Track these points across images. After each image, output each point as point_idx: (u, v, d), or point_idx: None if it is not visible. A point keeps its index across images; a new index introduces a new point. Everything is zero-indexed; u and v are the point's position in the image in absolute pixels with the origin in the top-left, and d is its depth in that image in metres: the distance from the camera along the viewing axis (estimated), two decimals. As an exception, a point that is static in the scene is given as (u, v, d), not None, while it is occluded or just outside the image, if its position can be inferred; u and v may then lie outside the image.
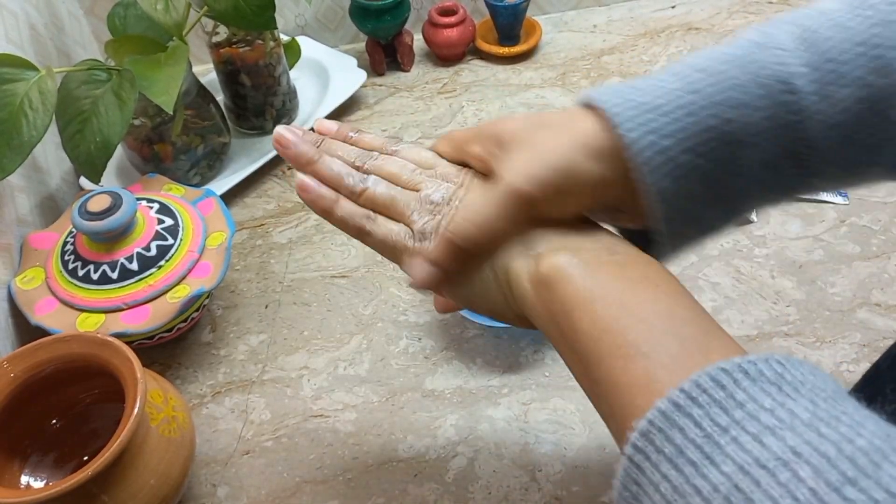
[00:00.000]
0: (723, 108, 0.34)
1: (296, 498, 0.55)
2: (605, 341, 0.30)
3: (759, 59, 0.34)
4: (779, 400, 0.25)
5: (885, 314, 0.62)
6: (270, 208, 0.78)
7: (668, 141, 0.33)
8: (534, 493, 0.54)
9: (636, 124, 0.34)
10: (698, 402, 0.26)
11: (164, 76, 0.61)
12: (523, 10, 0.90)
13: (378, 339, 0.65)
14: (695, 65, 0.35)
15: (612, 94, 0.35)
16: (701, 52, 0.36)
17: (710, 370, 0.26)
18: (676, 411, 0.26)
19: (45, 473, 0.53)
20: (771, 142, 0.34)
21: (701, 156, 0.34)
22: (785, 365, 0.26)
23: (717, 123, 0.34)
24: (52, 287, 0.60)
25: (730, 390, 0.25)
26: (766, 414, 0.25)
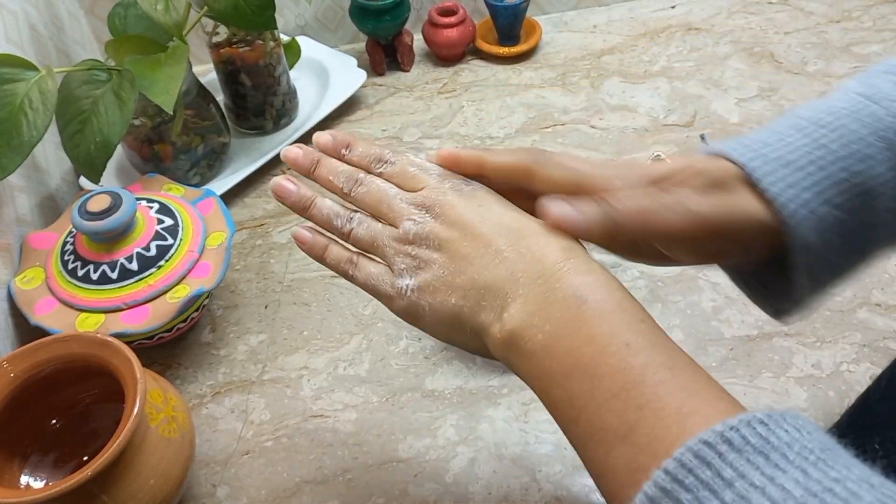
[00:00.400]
0: (850, 161, 0.34)
1: (296, 498, 0.55)
2: (582, 425, 0.30)
3: (874, 111, 0.35)
4: (768, 473, 0.24)
5: (885, 314, 0.62)
6: (270, 208, 0.78)
7: (807, 194, 0.33)
8: (534, 493, 0.54)
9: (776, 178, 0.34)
10: (684, 485, 0.25)
11: (164, 76, 0.61)
12: (523, 10, 0.90)
13: (378, 339, 0.65)
14: (812, 118, 0.36)
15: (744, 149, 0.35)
16: (812, 105, 0.37)
17: (693, 445, 0.25)
18: (664, 497, 0.25)
19: (44, 473, 0.53)
20: None
21: (837, 207, 0.34)
22: (769, 425, 0.25)
23: (848, 177, 0.34)
24: (52, 287, 0.60)
25: (716, 468, 0.25)
26: (756, 494, 0.24)
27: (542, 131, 0.83)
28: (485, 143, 0.82)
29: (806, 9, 0.96)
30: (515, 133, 0.83)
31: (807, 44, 0.90)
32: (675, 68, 0.89)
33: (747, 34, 0.93)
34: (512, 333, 0.32)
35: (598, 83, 0.88)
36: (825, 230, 0.34)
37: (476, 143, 0.82)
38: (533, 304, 0.32)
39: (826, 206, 0.34)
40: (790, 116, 0.37)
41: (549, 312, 0.32)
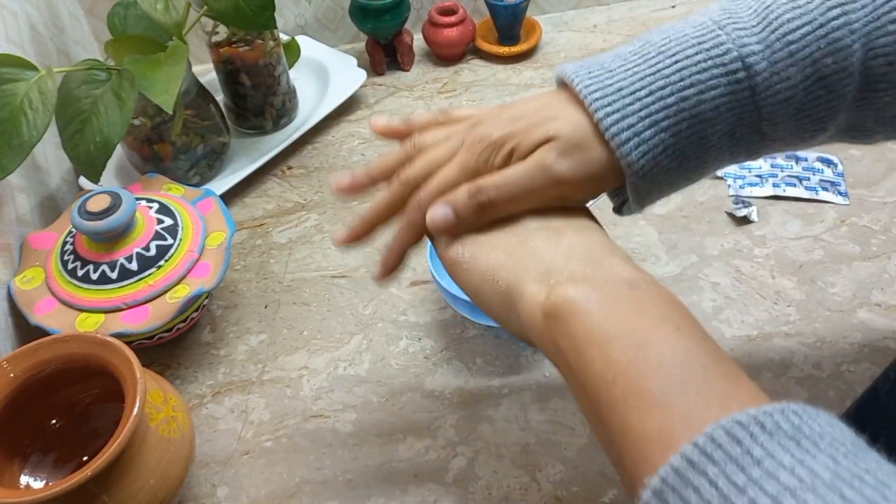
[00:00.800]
0: (685, 89, 0.37)
1: (296, 498, 0.55)
2: (619, 387, 0.29)
3: (719, 39, 0.37)
4: (798, 457, 0.24)
5: (886, 314, 0.62)
6: (270, 208, 0.78)
7: (637, 121, 0.37)
8: (534, 493, 0.54)
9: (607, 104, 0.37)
10: (713, 459, 0.24)
11: (163, 76, 0.61)
12: (523, 10, 0.90)
13: (378, 339, 0.65)
14: (658, 44, 0.38)
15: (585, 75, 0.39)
16: (667, 28, 0.40)
17: (726, 423, 0.25)
18: (690, 468, 0.25)
19: (44, 473, 0.53)
20: (730, 115, 0.37)
21: (667, 131, 0.37)
22: (802, 416, 0.26)
23: (681, 103, 0.37)
24: (52, 287, 0.60)
25: (746, 446, 0.24)
26: (785, 473, 0.23)
27: (542, 131, 0.83)
28: (485, 142, 0.82)
29: (806, 8, 0.96)
30: (515, 133, 0.83)
31: (807, 43, 0.90)
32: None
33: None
34: (561, 301, 0.33)
35: (598, 83, 0.88)
36: (655, 153, 0.37)
37: (476, 142, 0.82)
38: (582, 279, 0.34)
39: (656, 131, 0.37)
40: (644, 40, 0.39)
41: (599, 286, 0.33)
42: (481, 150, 0.39)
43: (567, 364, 0.32)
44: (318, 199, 0.78)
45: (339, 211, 0.76)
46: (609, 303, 0.32)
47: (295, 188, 0.79)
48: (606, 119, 0.37)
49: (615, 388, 0.29)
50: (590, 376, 0.31)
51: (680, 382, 0.28)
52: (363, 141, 0.84)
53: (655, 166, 0.38)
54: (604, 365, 0.30)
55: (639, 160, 0.37)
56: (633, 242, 0.69)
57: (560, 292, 0.33)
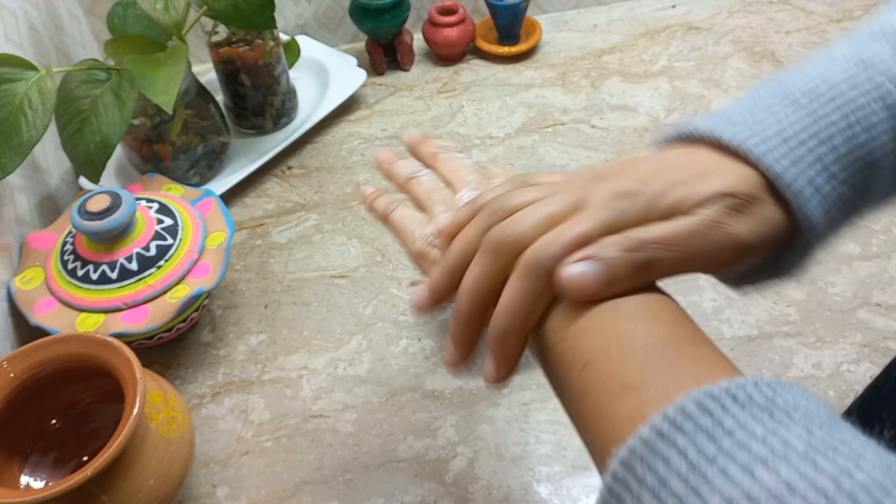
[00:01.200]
0: (852, 132, 0.32)
1: (296, 498, 0.55)
2: (589, 374, 0.28)
3: (872, 76, 0.33)
4: (770, 427, 0.23)
5: (886, 314, 0.62)
6: (270, 208, 0.78)
7: (812, 171, 0.31)
8: (534, 493, 0.54)
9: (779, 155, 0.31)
10: (683, 430, 0.24)
11: (163, 76, 0.61)
12: (523, 10, 0.90)
13: (378, 339, 0.65)
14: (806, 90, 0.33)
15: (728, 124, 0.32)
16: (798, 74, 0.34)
17: (696, 395, 0.24)
18: (659, 439, 0.24)
19: (44, 473, 0.53)
20: None
21: (841, 183, 0.32)
22: (776, 388, 0.25)
23: (851, 149, 0.32)
24: (52, 287, 0.59)
25: (717, 417, 0.24)
26: (756, 443, 0.23)
27: (543, 131, 0.83)
28: (485, 142, 0.82)
29: (807, 8, 0.96)
30: (515, 133, 0.83)
31: (808, 43, 0.90)
32: (676, 68, 0.89)
33: (748, 34, 0.93)
34: None
35: (598, 83, 0.88)
36: (831, 208, 0.32)
37: (476, 142, 0.82)
38: None
39: (831, 182, 0.31)
40: (775, 88, 0.34)
41: None
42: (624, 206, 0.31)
43: (543, 358, 0.32)
44: (318, 198, 0.78)
45: (338, 211, 0.76)
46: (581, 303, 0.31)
47: (295, 188, 0.79)
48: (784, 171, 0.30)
49: (584, 374, 0.28)
50: (561, 365, 0.30)
51: (652, 367, 0.27)
52: (363, 141, 0.84)
53: (831, 222, 0.32)
54: (574, 353, 0.29)
55: (820, 218, 0.31)
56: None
57: None
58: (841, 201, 0.32)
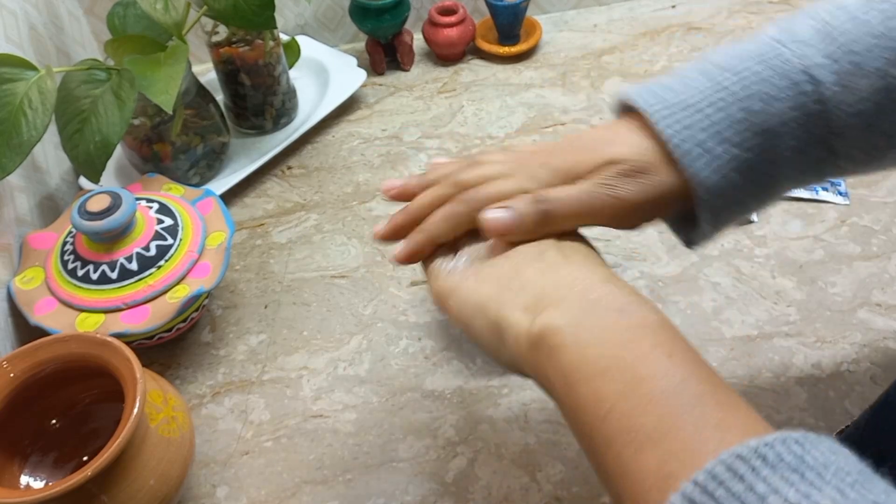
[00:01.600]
0: (750, 101, 0.36)
1: (296, 498, 0.55)
2: (612, 423, 0.28)
3: (781, 52, 0.37)
4: (803, 490, 0.23)
5: (886, 314, 0.62)
6: (270, 208, 0.78)
7: (703, 134, 0.36)
8: (534, 493, 0.54)
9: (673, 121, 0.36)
10: (715, 497, 0.24)
11: (163, 76, 0.61)
12: (523, 10, 0.90)
13: (378, 339, 0.65)
14: (719, 62, 0.38)
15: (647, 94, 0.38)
16: (723, 49, 0.39)
17: (726, 458, 0.24)
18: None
19: (45, 473, 0.53)
20: (799, 130, 0.36)
21: (736, 146, 0.36)
22: (804, 445, 0.25)
23: (747, 116, 0.36)
24: (52, 287, 0.59)
25: (749, 482, 0.24)
26: None
27: (542, 131, 0.83)
28: (485, 142, 0.82)
29: (806, 8, 0.96)
30: (515, 133, 0.83)
31: (807, 43, 0.90)
32: (676, 68, 0.89)
33: (748, 34, 0.93)
34: (544, 328, 0.32)
35: (598, 83, 0.88)
36: (723, 168, 0.36)
37: (476, 142, 0.82)
38: (571, 311, 0.32)
39: (724, 145, 0.36)
40: (701, 60, 0.39)
41: (587, 318, 0.32)
42: (542, 173, 0.39)
43: (557, 396, 0.32)
44: (318, 198, 0.78)
45: (338, 211, 0.76)
46: (596, 331, 0.31)
47: (295, 188, 0.79)
48: (673, 135, 0.36)
49: (607, 424, 0.28)
50: (581, 411, 0.30)
51: (673, 415, 0.27)
52: (363, 141, 0.84)
53: (725, 181, 0.37)
54: (595, 400, 0.29)
55: (709, 175, 0.36)
56: (633, 242, 0.69)
57: (544, 320, 0.32)
58: (738, 163, 0.36)
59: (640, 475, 0.27)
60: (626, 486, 0.27)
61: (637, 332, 0.31)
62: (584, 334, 0.31)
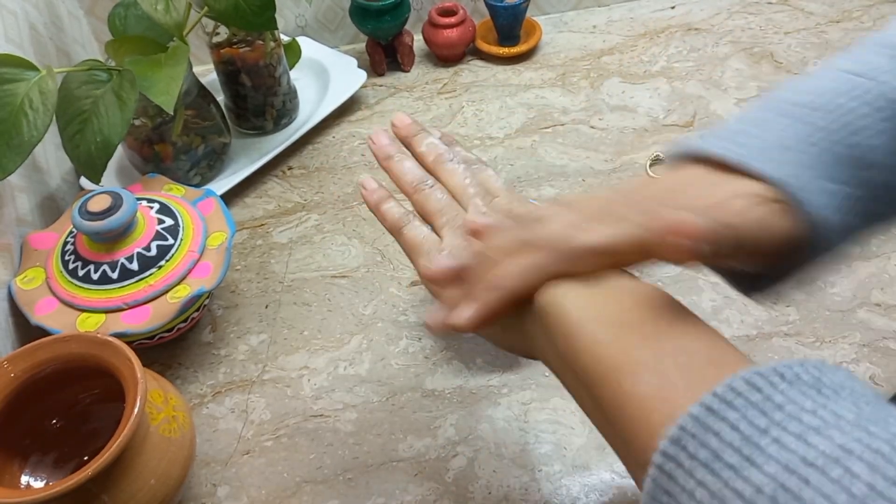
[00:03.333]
0: (844, 134, 0.33)
1: (296, 498, 0.55)
2: (606, 360, 0.29)
3: (862, 84, 0.34)
4: (819, 402, 0.24)
5: (885, 314, 0.62)
6: (270, 208, 0.78)
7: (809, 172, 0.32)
8: (534, 493, 0.54)
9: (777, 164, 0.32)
10: (733, 406, 0.24)
11: (164, 76, 0.61)
12: (523, 11, 0.90)
13: (378, 339, 0.65)
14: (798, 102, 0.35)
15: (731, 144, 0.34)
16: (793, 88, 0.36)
17: (745, 374, 0.25)
18: (710, 415, 0.24)
19: (45, 473, 0.53)
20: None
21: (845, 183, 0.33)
22: (821, 369, 0.25)
23: (845, 150, 0.33)
24: (53, 287, 0.60)
25: (767, 393, 0.24)
26: (807, 415, 0.23)
27: (542, 131, 0.83)
28: (485, 143, 0.82)
29: (806, 9, 0.96)
30: (515, 133, 0.83)
31: (807, 44, 0.91)
32: (675, 68, 0.89)
33: (747, 34, 0.93)
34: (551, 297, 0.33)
35: (597, 83, 0.88)
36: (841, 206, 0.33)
37: (476, 143, 0.83)
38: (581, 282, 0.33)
39: (833, 182, 0.33)
40: (770, 103, 0.36)
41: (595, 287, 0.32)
42: None
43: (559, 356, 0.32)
44: (319, 199, 0.78)
45: (339, 211, 0.76)
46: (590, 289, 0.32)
47: (295, 188, 0.80)
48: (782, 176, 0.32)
49: (602, 362, 0.29)
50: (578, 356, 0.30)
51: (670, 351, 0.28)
52: (363, 141, 0.84)
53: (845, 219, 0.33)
54: (589, 342, 0.30)
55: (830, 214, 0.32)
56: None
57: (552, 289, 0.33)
58: (852, 201, 0.33)
59: (640, 402, 0.27)
60: (624, 414, 0.28)
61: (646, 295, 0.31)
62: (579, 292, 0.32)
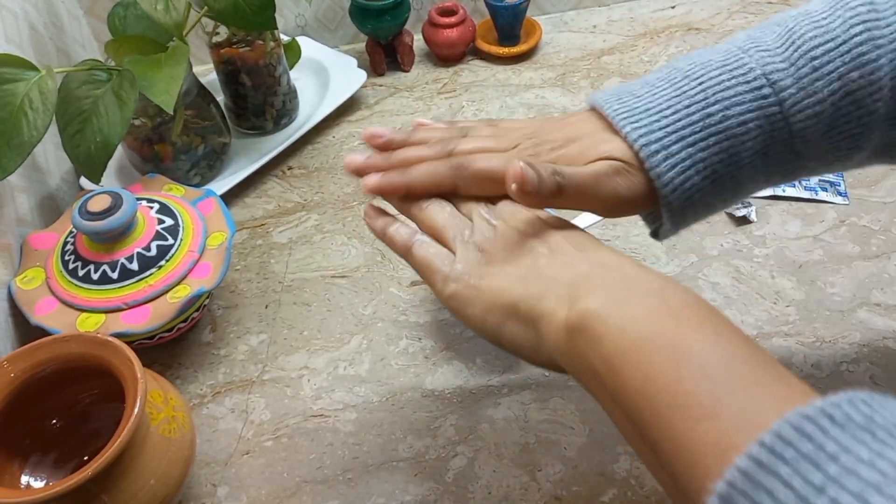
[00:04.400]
0: (711, 107, 0.38)
1: (296, 498, 0.55)
2: (663, 399, 0.27)
3: (743, 61, 0.39)
4: (876, 449, 0.22)
5: (885, 314, 0.62)
6: (270, 208, 0.78)
7: (666, 139, 0.38)
8: (534, 493, 0.54)
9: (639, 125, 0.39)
10: (783, 458, 0.23)
11: (164, 76, 0.61)
12: (523, 11, 0.90)
13: (378, 339, 0.65)
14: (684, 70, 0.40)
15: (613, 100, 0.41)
16: (692, 57, 0.41)
17: (791, 418, 0.23)
18: (760, 470, 0.23)
19: (45, 473, 0.53)
20: (760, 133, 0.38)
21: (699, 150, 0.38)
22: (871, 405, 0.24)
23: (710, 121, 0.38)
24: (53, 287, 0.60)
25: (818, 441, 0.23)
26: (865, 467, 0.22)
27: (542, 131, 0.83)
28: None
29: (806, 9, 0.96)
30: (515, 133, 0.83)
31: (807, 44, 0.90)
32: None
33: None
34: (583, 315, 0.31)
35: (598, 83, 0.88)
36: (686, 169, 0.38)
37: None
38: (608, 295, 0.32)
39: (687, 149, 0.38)
40: (670, 66, 0.42)
41: (627, 301, 0.31)
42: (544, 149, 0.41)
43: (600, 383, 0.31)
44: (319, 199, 0.78)
45: (339, 211, 0.76)
46: (639, 313, 0.30)
47: (295, 188, 0.80)
48: (637, 138, 0.38)
49: (658, 401, 0.27)
50: (629, 393, 0.29)
51: (729, 388, 0.26)
52: (363, 141, 0.84)
53: (687, 183, 0.39)
54: (643, 379, 0.28)
55: (669, 175, 0.38)
56: (632, 242, 0.69)
57: (583, 304, 0.31)
58: (702, 166, 0.38)
59: (695, 447, 0.26)
60: (679, 460, 0.26)
61: (680, 311, 0.30)
62: (625, 317, 0.30)
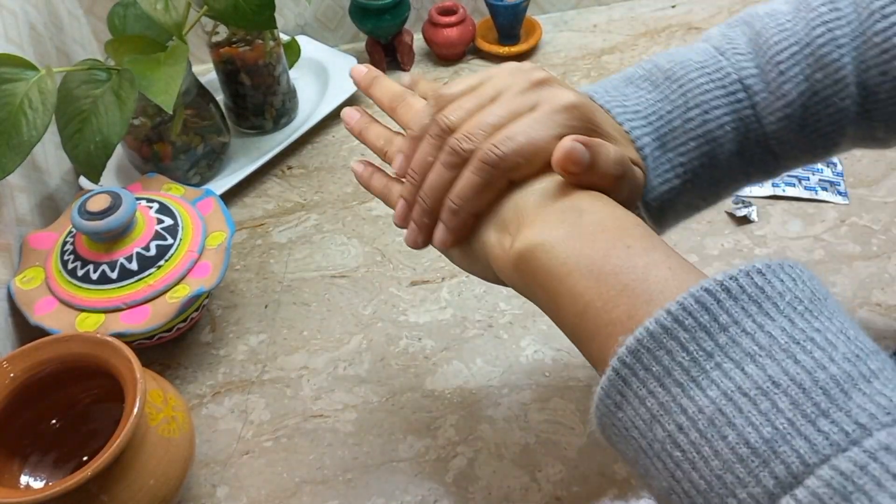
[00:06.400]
0: (690, 111, 0.40)
1: (296, 498, 0.55)
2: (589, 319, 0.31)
3: (720, 63, 0.40)
4: (758, 321, 0.26)
5: (886, 314, 0.62)
6: (270, 208, 0.78)
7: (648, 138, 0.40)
8: (534, 493, 0.54)
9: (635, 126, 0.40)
10: (684, 326, 0.27)
11: (163, 76, 0.61)
12: (523, 10, 0.90)
13: (378, 339, 0.65)
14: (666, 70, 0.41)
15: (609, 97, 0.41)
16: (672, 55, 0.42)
17: (694, 291, 0.27)
18: (664, 333, 0.27)
19: (44, 473, 0.53)
20: (738, 135, 0.40)
21: (679, 154, 0.40)
22: (766, 275, 0.27)
23: (691, 126, 0.40)
24: (52, 287, 0.60)
25: (714, 313, 0.27)
26: (747, 339, 0.26)
27: (542, 131, 0.83)
28: (485, 142, 0.82)
29: (806, 8, 0.96)
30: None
31: (807, 43, 0.90)
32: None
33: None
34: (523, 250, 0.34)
35: (598, 83, 0.88)
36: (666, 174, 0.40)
37: (476, 142, 0.82)
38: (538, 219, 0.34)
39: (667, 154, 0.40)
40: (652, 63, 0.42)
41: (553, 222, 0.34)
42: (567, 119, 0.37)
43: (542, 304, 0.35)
44: (318, 199, 0.78)
45: (338, 211, 0.76)
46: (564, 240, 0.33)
47: (295, 188, 0.79)
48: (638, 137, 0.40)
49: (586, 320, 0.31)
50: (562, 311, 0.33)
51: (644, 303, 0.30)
52: (363, 141, 0.84)
53: (665, 185, 0.40)
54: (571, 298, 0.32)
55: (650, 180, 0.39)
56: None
57: (521, 240, 0.34)
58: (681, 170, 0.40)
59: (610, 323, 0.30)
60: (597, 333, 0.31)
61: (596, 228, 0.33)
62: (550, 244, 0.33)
